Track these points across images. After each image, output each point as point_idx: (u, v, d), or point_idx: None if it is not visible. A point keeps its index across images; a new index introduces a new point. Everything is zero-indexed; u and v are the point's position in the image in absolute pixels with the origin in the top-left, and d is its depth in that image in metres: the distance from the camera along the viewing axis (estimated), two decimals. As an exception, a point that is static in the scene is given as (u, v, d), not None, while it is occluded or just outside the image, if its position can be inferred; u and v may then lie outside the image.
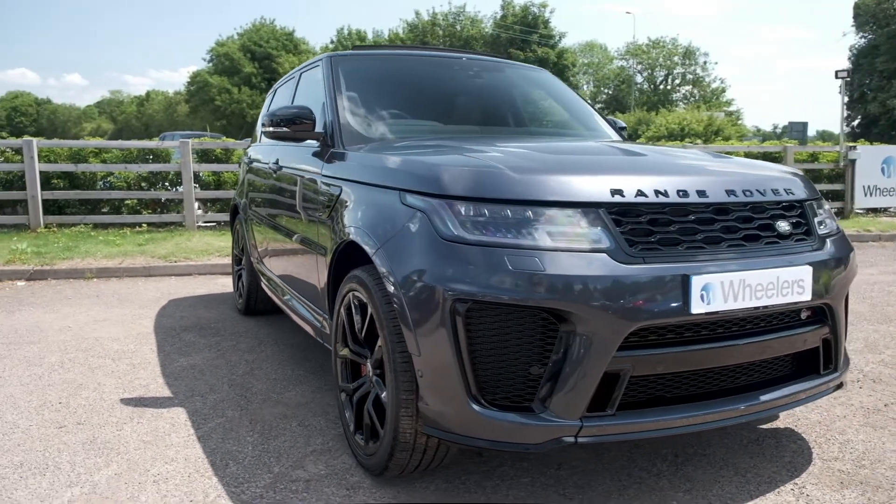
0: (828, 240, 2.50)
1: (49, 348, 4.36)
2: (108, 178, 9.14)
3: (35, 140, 8.41)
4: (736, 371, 2.33)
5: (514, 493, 2.45)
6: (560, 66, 45.95)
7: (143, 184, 9.24)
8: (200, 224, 9.53)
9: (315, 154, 3.31)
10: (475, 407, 2.08)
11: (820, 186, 11.79)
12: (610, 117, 4.13)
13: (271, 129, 3.29)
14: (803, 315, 2.40)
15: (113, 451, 2.84)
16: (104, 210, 9.29)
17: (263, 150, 4.55)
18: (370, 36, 63.51)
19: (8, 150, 8.81)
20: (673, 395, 2.23)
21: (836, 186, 11.76)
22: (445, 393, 2.12)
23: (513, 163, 2.27)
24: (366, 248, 2.44)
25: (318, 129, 3.34)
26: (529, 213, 2.10)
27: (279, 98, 4.69)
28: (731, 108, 49.80)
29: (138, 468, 2.68)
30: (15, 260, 7.10)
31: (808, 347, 2.44)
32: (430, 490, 2.48)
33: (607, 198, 2.13)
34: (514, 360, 2.08)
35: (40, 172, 8.55)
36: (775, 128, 62.54)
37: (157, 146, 9.34)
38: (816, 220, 2.51)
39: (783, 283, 2.21)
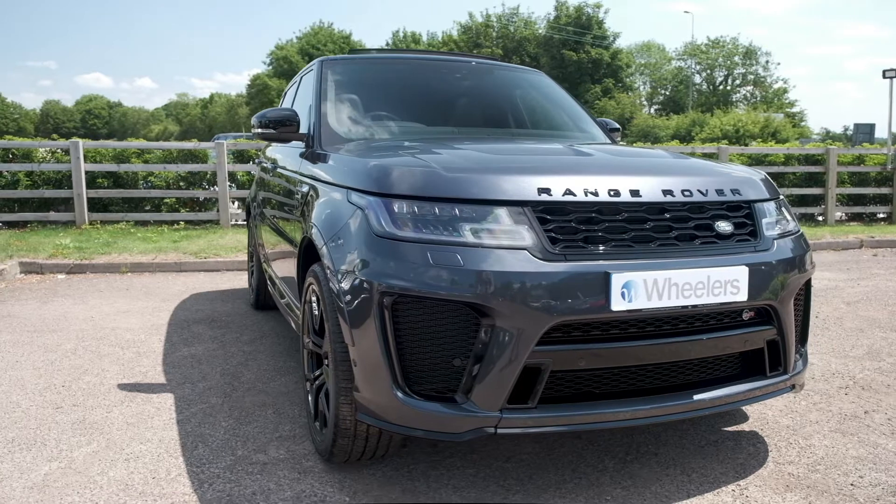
0: (776, 241, 2.48)
1: (68, 336, 4.64)
2: (149, 178, 9.57)
3: (81, 141, 8.91)
4: (671, 369, 2.35)
5: (456, 482, 2.52)
6: (614, 67, 45.39)
7: (181, 183, 9.64)
8: (237, 222, 9.88)
9: (300, 154, 3.46)
10: (401, 396, 2.17)
11: (866, 190, 11.37)
12: (601, 119, 4.14)
13: (259, 130, 3.45)
14: (745, 316, 2.40)
15: (97, 431, 3.04)
16: (147, 208, 9.73)
17: (270, 151, 4.74)
18: (425, 38, 64.17)
19: (58, 150, 9.34)
20: (602, 391, 2.27)
21: (884, 190, 11.30)
22: (375, 382, 2.21)
23: (449, 162, 2.35)
24: (316, 243, 2.56)
25: (304, 130, 3.49)
26: (456, 211, 2.17)
27: (287, 100, 4.87)
28: (794, 110, 48.17)
29: (115, 447, 2.87)
30: (57, 254, 7.53)
31: (750, 348, 2.43)
32: (376, 476, 2.58)
33: (533, 196, 2.18)
34: (439, 351, 2.16)
35: (86, 172, 9.04)
36: (845, 129, 60.14)
37: (194, 147, 9.74)
38: (766, 220, 2.50)
39: (714, 282, 2.22)
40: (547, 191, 2.20)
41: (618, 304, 2.11)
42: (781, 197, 2.76)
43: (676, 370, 2.36)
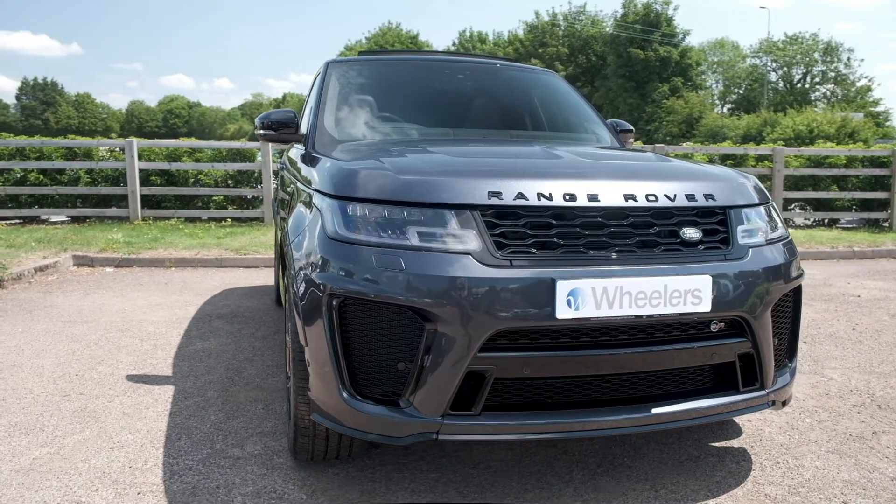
0: (753, 249, 2.36)
1: (96, 327, 4.86)
2: (199, 176, 9.92)
3: (135, 140, 9.32)
4: (632, 381, 2.27)
5: (416, 485, 2.51)
6: (683, 66, 44.14)
7: (229, 181, 9.96)
8: (282, 220, 10.13)
9: (300, 156, 3.51)
10: (347, 398, 2.17)
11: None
12: (612, 120, 4.03)
13: (261, 131, 3.54)
14: (713, 327, 2.29)
15: (93, 419, 3.17)
16: (198, 205, 10.09)
17: (290, 153, 4.83)
18: (491, 37, 64.08)
19: (116, 149, 9.80)
20: (555, 400, 2.21)
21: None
22: (325, 383, 2.23)
23: (408, 166, 2.34)
24: (284, 243, 2.60)
25: (303, 131, 3.55)
26: (405, 214, 2.16)
27: (307, 102, 4.95)
28: (879, 109, 45.62)
29: (105, 436, 2.98)
30: (108, 248, 7.90)
31: (719, 361, 2.32)
32: (339, 476, 2.59)
33: (483, 200, 2.15)
34: (384, 355, 2.15)
35: (140, 170, 9.45)
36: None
37: (241, 146, 10.03)
38: (742, 227, 2.38)
39: (672, 292, 2.13)
40: (498, 195, 2.16)
41: (563, 312, 2.05)
42: (770, 203, 2.62)
43: (637, 382, 2.28)
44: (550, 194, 2.19)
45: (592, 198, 2.21)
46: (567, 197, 2.19)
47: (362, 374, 2.18)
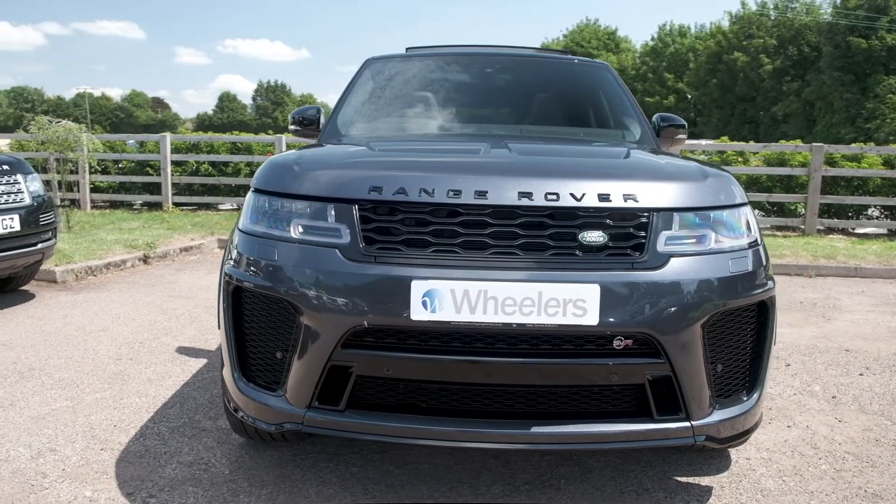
0: (676, 258, 2.07)
1: (188, 303, 5.42)
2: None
3: (284, 136, 10.17)
4: (522, 394, 2.10)
5: (330, 476, 2.53)
6: (916, 55, 38.33)
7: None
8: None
9: None
10: (238, 381, 2.26)
11: None
12: (661, 114, 3.68)
13: (292, 126, 3.75)
14: (617, 343, 2.05)
15: (119, 382, 3.57)
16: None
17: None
18: (693, 30, 60.59)
19: (270, 144, 10.74)
20: (430, 406, 2.12)
21: None
22: (228, 366, 2.33)
23: (310, 159, 2.38)
24: (233, 235, 2.74)
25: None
26: (293, 207, 2.20)
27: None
28: None
29: (117, 397, 3.35)
30: (247, 234, 8.71)
31: (621, 383, 2.07)
32: (273, 458, 2.69)
33: (363, 195, 2.11)
34: (265, 343, 2.21)
35: (287, 164, 10.30)
36: None
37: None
38: (667, 233, 2.09)
39: (548, 300, 1.94)
40: (378, 189, 2.11)
41: (419, 314, 1.96)
42: (741, 206, 2.26)
43: (528, 396, 2.10)
44: (433, 190, 2.09)
45: (480, 195, 2.08)
46: (451, 193, 2.08)
47: (252, 361, 2.26)
